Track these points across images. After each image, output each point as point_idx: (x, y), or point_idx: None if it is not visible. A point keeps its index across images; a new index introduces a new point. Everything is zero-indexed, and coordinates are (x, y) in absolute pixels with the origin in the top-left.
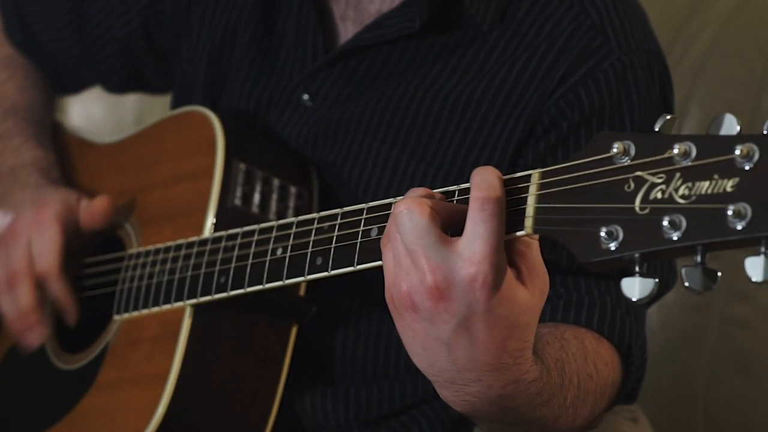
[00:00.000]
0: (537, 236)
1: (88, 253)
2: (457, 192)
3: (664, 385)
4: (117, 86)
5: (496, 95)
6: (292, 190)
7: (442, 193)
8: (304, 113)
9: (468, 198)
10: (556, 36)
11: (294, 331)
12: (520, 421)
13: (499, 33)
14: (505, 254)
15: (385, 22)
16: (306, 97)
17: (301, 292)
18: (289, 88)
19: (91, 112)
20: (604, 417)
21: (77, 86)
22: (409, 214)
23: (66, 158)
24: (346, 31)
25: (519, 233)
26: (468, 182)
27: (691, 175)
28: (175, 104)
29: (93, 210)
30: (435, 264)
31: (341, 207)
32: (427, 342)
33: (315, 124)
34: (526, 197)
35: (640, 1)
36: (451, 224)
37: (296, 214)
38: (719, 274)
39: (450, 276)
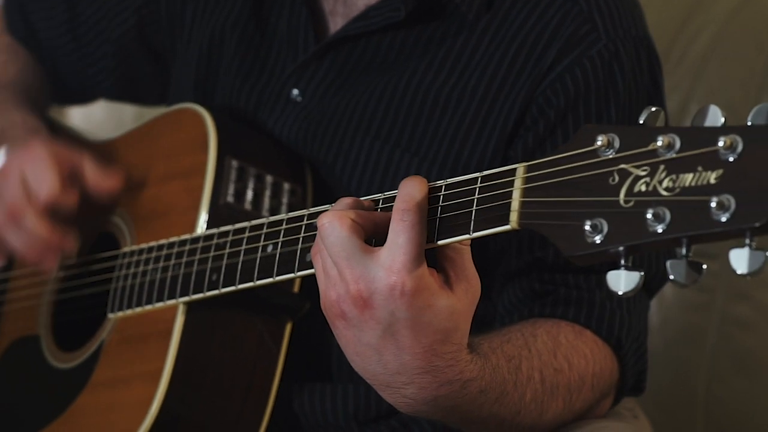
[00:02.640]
0: (469, 242)
1: (82, 251)
2: (381, 200)
3: (664, 385)
4: (110, 90)
5: (487, 86)
6: (285, 186)
7: (372, 200)
8: (294, 109)
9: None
10: (544, 24)
11: (288, 327)
12: (469, 419)
13: (486, 22)
14: (435, 259)
15: (371, 12)
16: (296, 92)
17: (295, 288)
18: (279, 84)
19: (91, 112)
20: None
21: (78, 93)
22: (331, 226)
23: None
24: (336, 26)
25: (504, 228)
26: (460, 174)
27: (675, 167)
28: (170, 102)
29: (102, 179)
30: (357, 274)
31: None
32: (359, 348)
33: (306, 120)
34: (512, 191)
35: (641, 1)
36: (377, 233)
37: (289, 211)
38: (704, 266)
39: (372, 285)
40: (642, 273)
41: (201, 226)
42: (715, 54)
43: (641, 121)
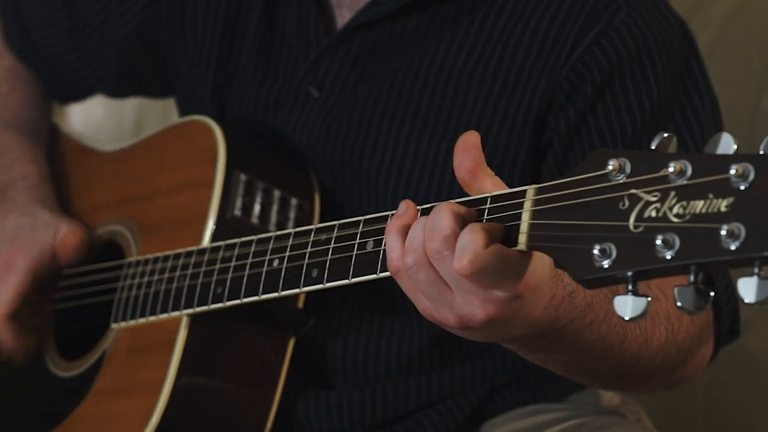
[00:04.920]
0: None
1: (87, 260)
2: (420, 211)
3: None
4: (116, 91)
5: (510, 64)
6: (293, 201)
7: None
8: (314, 107)
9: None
10: None
11: (291, 343)
12: (581, 344)
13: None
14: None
15: None
16: (313, 89)
17: (300, 304)
18: (294, 84)
19: (91, 113)
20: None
21: (79, 94)
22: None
23: (66, 165)
24: (343, 18)
25: (513, 249)
26: (488, 155)
27: (685, 194)
28: (183, 103)
29: (66, 245)
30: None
31: (359, 200)
32: (480, 335)
33: (328, 116)
34: (521, 213)
35: None
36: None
37: (296, 226)
38: (712, 294)
39: (498, 306)
40: (649, 299)
41: (207, 239)
42: (715, 54)
43: (653, 147)
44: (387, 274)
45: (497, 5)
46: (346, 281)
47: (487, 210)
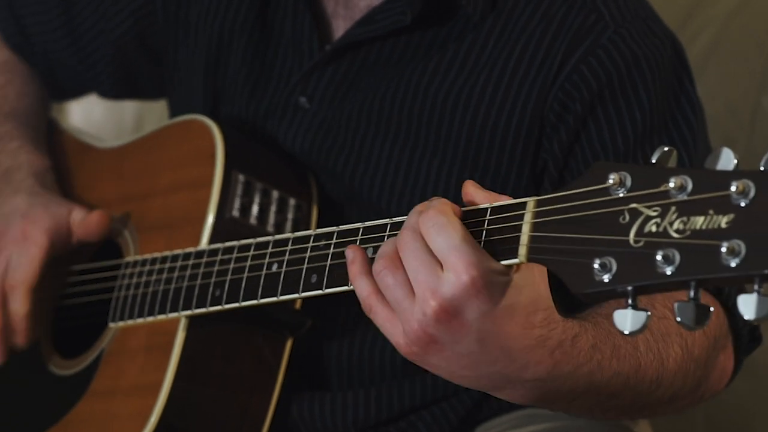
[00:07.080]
0: None
1: (85, 259)
2: (389, 225)
3: None
4: (111, 91)
5: (497, 85)
6: (291, 202)
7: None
8: (304, 117)
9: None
10: (549, 19)
11: (288, 344)
12: (595, 386)
13: (492, 22)
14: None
15: (377, 16)
16: (303, 99)
17: (297, 305)
18: (285, 93)
19: (91, 113)
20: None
21: (75, 91)
22: (409, 249)
23: (64, 161)
24: (338, 28)
25: (512, 261)
26: (480, 174)
27: (686, 209)
28: (174, 109)
29: (89, 224)
30: (432, 288)
31: (354, 211)
32: (463, 361)
33: (317, 127)
34: (521, 225)
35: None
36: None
37: (295, 227)
38: (711, 309)
39: (447, 294)
40: (648, 313)
41: (206, 239)
42: (715, 54)
43: (653, 161)
44: None
45: (484, 32)
46: (345, 288)
47: (487, 221)
